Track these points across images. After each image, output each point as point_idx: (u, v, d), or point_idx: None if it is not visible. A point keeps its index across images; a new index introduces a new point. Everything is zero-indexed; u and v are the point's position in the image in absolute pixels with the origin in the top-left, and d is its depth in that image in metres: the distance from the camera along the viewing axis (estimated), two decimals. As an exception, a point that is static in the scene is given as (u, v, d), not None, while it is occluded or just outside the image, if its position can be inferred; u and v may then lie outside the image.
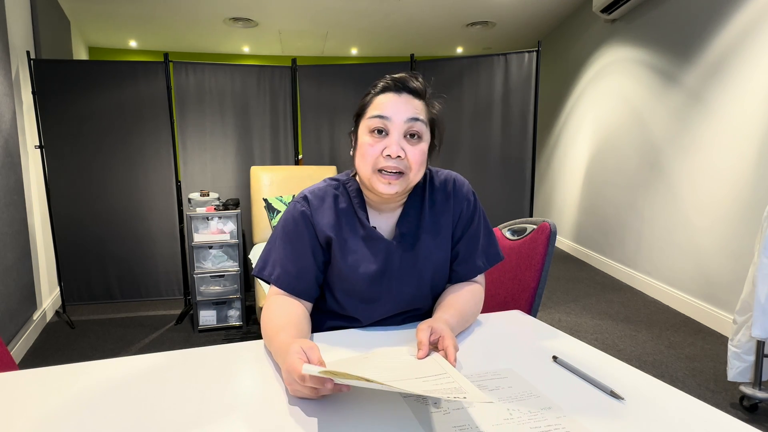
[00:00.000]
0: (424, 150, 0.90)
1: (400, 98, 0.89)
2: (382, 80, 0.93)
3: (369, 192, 0.95)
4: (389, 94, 0.90)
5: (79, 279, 3.17)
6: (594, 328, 2.80)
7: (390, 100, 0.89)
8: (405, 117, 0.87)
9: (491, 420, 0.60)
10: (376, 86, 0.93)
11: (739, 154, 2.57)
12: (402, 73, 0.92)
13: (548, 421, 0.60)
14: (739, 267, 2.56)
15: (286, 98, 3.31)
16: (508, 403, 0.64)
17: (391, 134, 0.87)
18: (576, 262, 4.39)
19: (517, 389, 0.68)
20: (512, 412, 0.62)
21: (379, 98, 0.90)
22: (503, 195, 3.24)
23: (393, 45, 5.60)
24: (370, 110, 0.90)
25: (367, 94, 0.94)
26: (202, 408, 0.64)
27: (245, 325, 2.86)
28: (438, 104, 0.95)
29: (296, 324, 0.83)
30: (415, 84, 0.91)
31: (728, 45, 2.68)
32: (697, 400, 0.65)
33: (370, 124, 0.89)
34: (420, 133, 0.89)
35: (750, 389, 1.86)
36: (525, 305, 1.17)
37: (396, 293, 0.95)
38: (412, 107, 0.89)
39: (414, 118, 0.88)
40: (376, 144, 0.88)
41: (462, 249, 1.00)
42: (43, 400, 0.66)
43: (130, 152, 3.13)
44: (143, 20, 4.53)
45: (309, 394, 0.64)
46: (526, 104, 3.15)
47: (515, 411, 0.62)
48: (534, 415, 0.61)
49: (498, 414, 0.61)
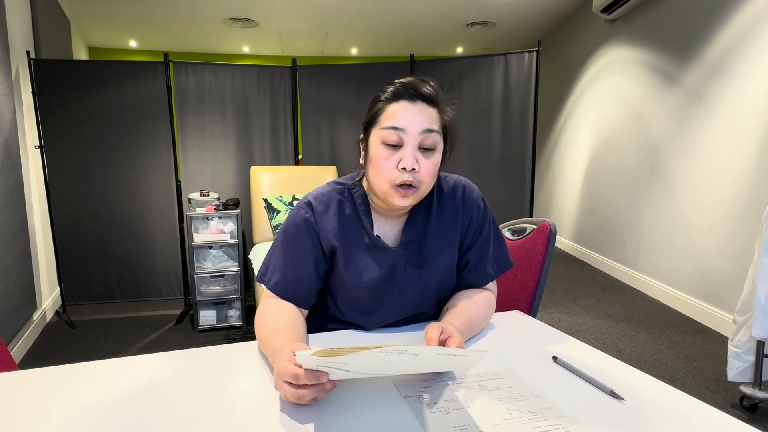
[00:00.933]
0: (438, 162, 0.88)
1: (414, 107, 0.85)
2: (392, 85, 0.88)
3: (377, 199, 0.93)
4: (403, 103, 0.86)
5: (79, 279, 3.17)
6: (594, 328, 2.80)
7: (404, 109, 0.85)
8: (420, 128, 0.84)
9: (491, 420, 0.60)
10: (386, 92, 0.88)
11: (739, 154, 2.57)
12: (412, 78, 0.88)
13: (548, 421, 0.60)
14: (739, 267, 2.56)
15: (286, 98, 3.31)
16: (508, 403, 0.64)
17: (406, 146, 0.85)
18: (576, 262, 4.39)
19: (517, 389, 0.68)
20: (512, 412, 0.62)
21: (393, 107, 0.86)
22: (503, 195, 3.24)
23: (393, 45, 5.60)
24: (383, 119, 0.87)
25: (377, 100, 0.90)
26: (202, 408, 0.64)
27: (245, 325, 2.86)
28: (450, 110, 0.92)
29: (291, 327, 0.82)
30: (428, 90, 0.87)
31: (728, 45, 2.68)
32: (697, 400, 0.65)
33: (384, 135, 0.85)
34: (434, 145, 0.87)
35: (750, 389, 1.86)
36: (525, 305, 1.17)
37: (399, 301, 0.94)
38: (426, 117, 0.86)
39: (429, 130, 0.85)
40: (391, 157, 0.85)
41: (473, 257, 0.98)
42: (43, 400, 0.66)
43: (130, 152, 3.13)
44: (143, 20, 4.53)
45: (301, 395, 0.61)
46: (526, 104, 3.15)
47: (515, 411, 0.62)
48: (534, 415, 0.61)
49: (498, 414, 0.61)
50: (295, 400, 0.62)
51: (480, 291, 0.98)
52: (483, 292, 0.98)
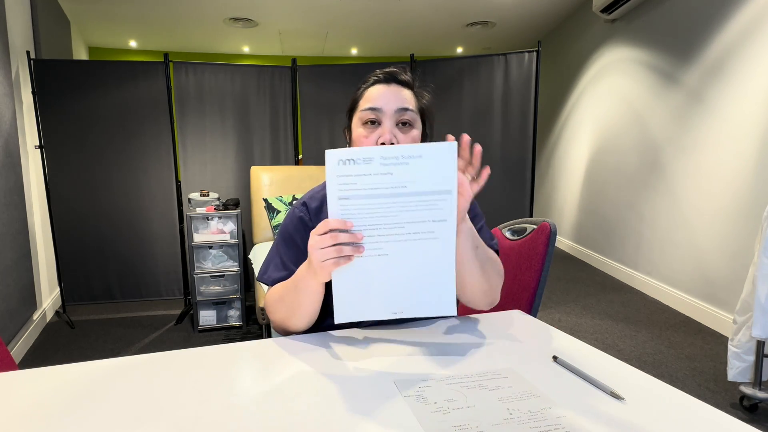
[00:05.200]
0: (417, 137, 0.93)
1: (389, 89, 0.92)
2: (371, 75, 0.96)
3: None
4: (379, 86, 0.93)
5: (79, 279, 3.17)
6: (594, 328, 2.80)
7: (380, 91, 0.92)
8: (395, 107, 0.91)
9: (491, 420, 0.60)
10: (367, 81, 0.96)
11: (739, 154, 2.57)
12: (390, 68, 0.96)
13: (548, 421, 0.60)
14: (739, 267, 2.56)
15: (286, 98, 3.31)
16: (508, 403, 0.64)
17: (384, 124, 0.91)
18: (576, 262, 4.39)
19: (517, 389, 0.68)
20: (512, 412, 0.62)
21: (369, 91, 0.94)
22: (503, 195, 3.24)
23: (393, 45, 5.60)
24: (361, 103, 0.94)
25: (358, 89, 0.97)
26: (202, 408, 0.64)
27: (245, 325, 2.86)
28: (427, 94, 0.98)
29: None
30: (403, 76, 0.95)
31: (728, 45, 2.68)
32: (697, 400, 0.65)
33: (362, 116, 0.92)
34: (411, 121, 0.92)
35: (750, 389, 1.86)
36: (525, 305, 1.17)
37: None
38: (402, 97, 0.92)
39: (404, 108, 0.91)
40: (371, 135, 0.91)
41: None
42: (43, 400, 0.66)
43: (130, 152, 3.13)
44: (143, 20, 4.53)
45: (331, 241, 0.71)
46: (526, 104, 3.15)
47: (515, 411, 0.62)
48: (534, 415, 0.61)
49: (498, 414, 0.61)
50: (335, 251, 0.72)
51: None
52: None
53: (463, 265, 0.88)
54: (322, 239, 0.73)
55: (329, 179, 0.71)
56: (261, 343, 0.86)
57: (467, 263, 0.87)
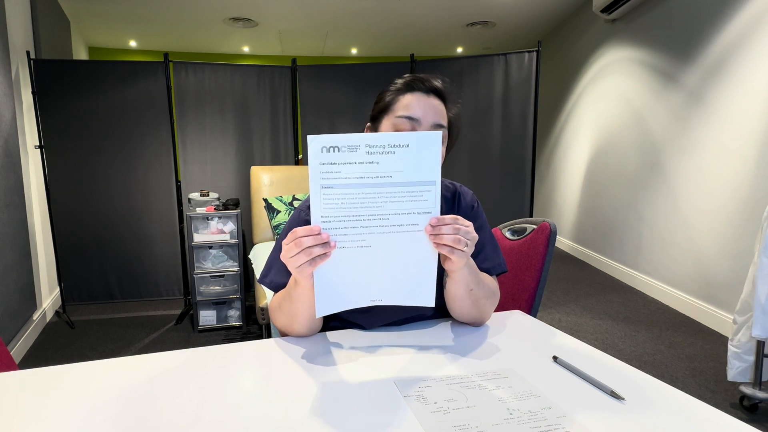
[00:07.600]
0: (442, 157, 0.90)
1: (428, 100, 0.89)
2: (402, 78, 0.91)
3: None
4: (418, 94, 0.89)
5: (79, 279, 3.17)
6: (594, 328, 2.80)
7: (419, 100, 0.88)
8: (432, 121, 0.88)
9: (491, 420, 0.60)
10: (397, 84, 0.91)
11: (739, 154, 2.57)
12: (423, 75, 0.92)
13: (548, 421, 0.60)
14: (739, 267, 2.56)
15: (286, 98, 3.31)
16: (508, 403, 0.64)
17: None
18: (576, 262, 4.39)
19: (517, 389, 0.68)
20: (512, 412, 0.62)
21: (408, 97, 0.89)
22: (503, 195, 3.24)
23: (393, 45, 5.60)
24: (397, 108, 0.89)
25: (387, 91, 0.92)
26: (202, 408, 0.64)
27: (245, 325, 2.86)
28: (456, 107, 0.95)
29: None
30: (440, 84, 0.91)
31: (728, 45, 2.68)
32: (697, 400, 0.65)
33: (397, 123, 0.88)
34: (443, 137, 0.89)
35: (750, 389, 1.86)
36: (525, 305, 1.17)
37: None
38: (439, 111, 0.89)
39: (439, 125, 0.88)
40: None
41: None
42: (43, 400, 0.66)
43: (130, 152, 3.13)
44: (143, 20, 4.53)
45: (297, 249, 0.70)
46: (526, 104, 3.15)
47: (515, 411, 0.62)
48: (534, 415, 0.61)
49: (498, 414, 0.61)
50: (304, 255, 0.71)
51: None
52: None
53: (454, 301, 0.89)
54: (288, 248, 0.72)
55: (312, 166, 0.68)
56: (261, 344, 0.86)
57: (458, 300, 0.88)
